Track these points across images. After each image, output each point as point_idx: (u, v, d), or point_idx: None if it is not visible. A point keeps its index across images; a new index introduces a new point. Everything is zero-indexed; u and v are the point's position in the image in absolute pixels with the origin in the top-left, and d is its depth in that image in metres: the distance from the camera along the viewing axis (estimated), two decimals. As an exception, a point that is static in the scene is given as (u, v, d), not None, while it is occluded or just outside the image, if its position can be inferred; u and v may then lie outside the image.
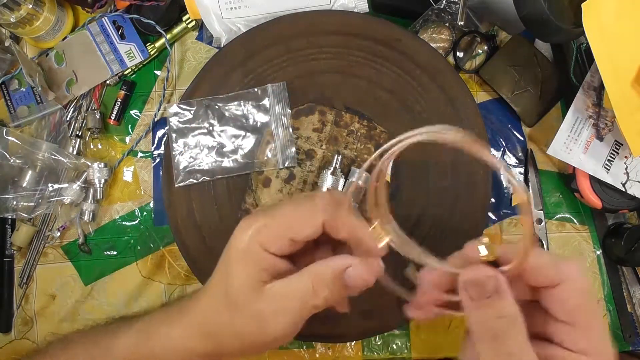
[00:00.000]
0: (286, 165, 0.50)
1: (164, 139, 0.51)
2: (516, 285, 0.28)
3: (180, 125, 0.50)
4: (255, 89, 0.50)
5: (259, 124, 0.51)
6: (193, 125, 0.50)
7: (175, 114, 0.50)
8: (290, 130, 0.50)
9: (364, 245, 0.31)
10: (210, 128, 0.50)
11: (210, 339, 0.32)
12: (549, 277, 0.28)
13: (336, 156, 0.49)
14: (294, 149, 0.50)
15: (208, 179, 0.50)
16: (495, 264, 0.29)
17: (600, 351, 0.27)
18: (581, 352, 0.27)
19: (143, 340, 0.34)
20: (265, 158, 0.50)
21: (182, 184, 0.50)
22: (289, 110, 0.50)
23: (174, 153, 0.50)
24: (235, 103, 0.50)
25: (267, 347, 0.32)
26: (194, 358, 0.33)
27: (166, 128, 0.51)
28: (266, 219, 0.31)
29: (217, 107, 0.50)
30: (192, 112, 0.50)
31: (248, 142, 0.51)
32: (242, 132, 0.51)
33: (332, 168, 0.49)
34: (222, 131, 0.51)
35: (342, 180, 0.48)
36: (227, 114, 0.51)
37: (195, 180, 0.50)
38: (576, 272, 0.28)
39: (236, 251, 0.31)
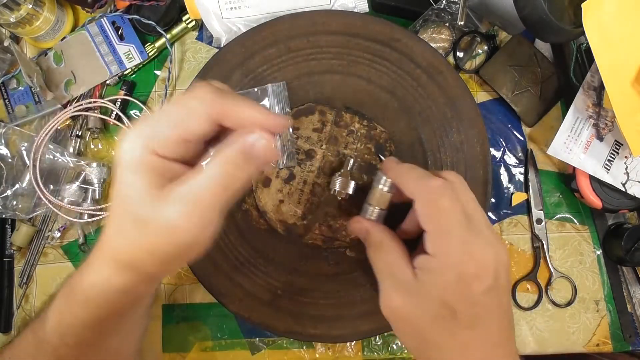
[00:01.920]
0: (286, 165, 0.50)
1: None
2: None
3: None
4: (255, 89, 0.50)
5: None
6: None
7: None
8: (290, 130, 0.50)
9: (265, 122, 0.29)
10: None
11: (126, 266, 0.30)
12: (405, 196, 0.36)
13: (350, 159, 0.47)
14: (293, 150, 0.50)
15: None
16: None
17: (446, 252, 0.33)
18: (432, 254, 0.34)
19: (67, 299, 0.32)
20: None
21: None
22: (289, 110, 0.50)
23: None
24: None
25: (188, 255, 0.30)
26: (120, 295, 0.31)
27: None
28: (150, 122, 0.29)
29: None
30: None
31: (248, 141, 0.50)
32: (242, 132, 0.51)
33: (343, 170, 0.47)
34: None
35: (352, 183, 0.46)
36: None
37: None
38: (428, 188, 0.35)
39: (127, 163, 0.28)
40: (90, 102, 0.55)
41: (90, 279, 0.31)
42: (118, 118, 0.56)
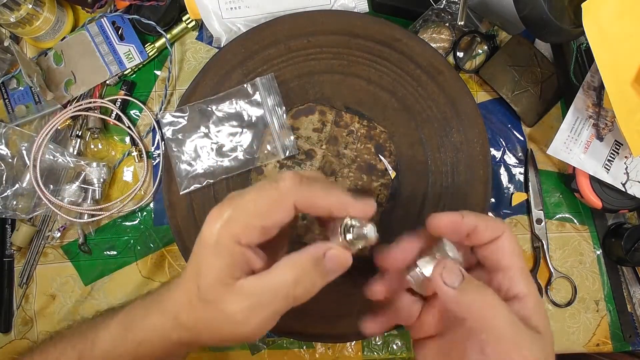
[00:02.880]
0: (287, 154, 0.50)
1: (163, 141, 0.51)
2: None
3: (177, 133, 0.50)
4: (245, 85, 0.50)
5: (254, 119, 0.51)
6: (189, 131, 0.50)
7: (170, 123, 0.50)
8: (285, 117, 0.50)
9: (351, 209, 0.30)
10: (207, 130, 0.50)
11: (186, 330, 0.32)
12: (488, 235, 0.32)
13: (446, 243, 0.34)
14: (292, 137, 0.50)
15: (212, 181, 0.50)
16: None
17: (534, 291, 0.31)
18: (527, 293, 0.31)
19: (123, 332, 0.34)
20: (265, 152, 0.50)
21: (187, 190, 0.49)
22: (281, 99, 0.50)
23: (174, 162, 0.50)
24: (228, 102, 0.50)
25: (244, 341, 0.33)
26: (172, 346, 0.33)
27: (165, 129, 0.50)
28: (233, 208, 0.29)
29: (209, 109, 0.50)
30: (186, 117, 0.50)
31: (246, 137, 0.51)
32: (239, 129, 0.51)
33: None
34: (218, 131, 0.51)
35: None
36: (221, 114, 0.51)
37: (199, 185, 0.50)
38: (504, 226, 0.32)
39: (206, 245, 0.30)
40: (90, 102, 0.55)
41: (150, 324, 0.33)
42: (118, 118, 0.56)
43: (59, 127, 0.54)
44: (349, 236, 0.30)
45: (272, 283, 0.30)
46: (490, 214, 0.55)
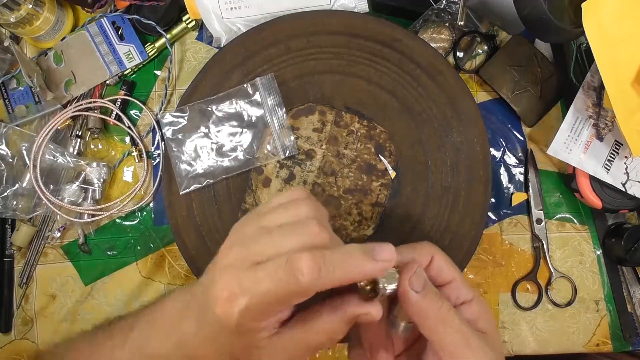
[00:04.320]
0: (287, 154, 0.50)
1: (163, 141, 0.51)
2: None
3: (177, 133, 0.50)
4: (245, 85, 0.50)
5: (254, 119, 0.51)
6: (189, 131, 0.50)
7: (170, 123, 0.50)
8: (285, 117, 0.50)
9: (372, 272, 0.30)
10: (207, 130, 0.50)
11: None
12: (424, 261, 0.34)
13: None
14: (292, 137, 0.50)
15: (212, 181, 0.50)
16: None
17: (477, 296, 0.34)
18: (466, 299, 0.33)
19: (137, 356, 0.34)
20: (265, 152, 0.50)
21: (187, 190, 0.50)
22: (281, 99, 0.50)
23: (174, 162, 0.50)
24: (228, 102, 0.50)
25: None
26: None
27: (165, 129, 0.50)
28: (248, 296, 0.28)
29: (209, 109, 0.50)
30: (186, 117, 0.50)
31: (246, 137, 0.51)
32: (239, 129, 0.51)
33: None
34: (218, 131, 0.51)
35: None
36: (220, 114, 0.51)
37: (199, 185, 0.50)
38: (432, 247, 0.34)
39: (225, 328, 0.29)
40: (90, 102, 0.55)
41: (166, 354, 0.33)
42: (118, 118, 0.56)
43: (59, 127, 0.54)
44: (380, 289, 0.31)
45: (308, 344, 0.30)
46: (490, 214, 0.55)
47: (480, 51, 0.57)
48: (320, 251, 0.28)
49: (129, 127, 0.56)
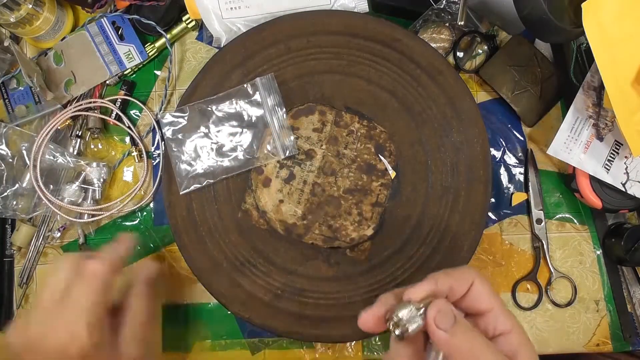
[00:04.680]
0: (287, 154, 0.50)
1: (156, 139, 0.51)
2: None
3: (177, 133, 0.50)
4: (245, 85, 0.50)
5: (254, 119, 0.51)
6: (189, 131, 0.50)
7: (170, 123, 0.50)
8: (285, 116, 0.50)
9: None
10: (207, 130, 0.50)
11: None
12: (462, 288, 0.32)
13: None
14: (292, 137, 0.50)
15: (212, 181, 0.50)
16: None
17: (517, 325, 0.32)
18: (511, 329, 0.32)
19: None
20: (265, 152, 0.50)
21: (187, 190, 0.50)
22: (281, 99, 0.50)
23: (174, 162, 0.50)
24: (228, 102, 0.50)
25: None
26: None
27: (165, 129, 0.50)
28: None
29: (209, 109, 0.50)
30: (186, 117, 0.50)
31: (246, 137, 0.51)
32: (239, 129, 0.51)
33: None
34: (218, 131, 0.51)
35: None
36: (221, 114, 0.51)
37: (199, 185, 0.50)
38: (473, 272, 0.33)
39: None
40: (90, 102, 0.55)
41: None
42: (118, 118, 0.56)
43: (59, 127, 0.54)
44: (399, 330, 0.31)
45: None
46: (490, 214, 0.55)
47: (480, 51, 0.57)
48: None
49: (129, 127, 0.56)
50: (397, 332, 0.30)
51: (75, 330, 0.39)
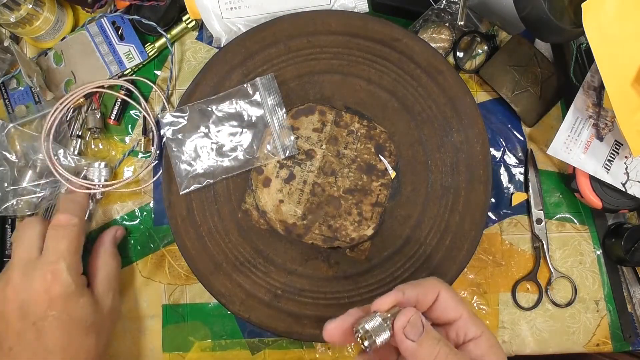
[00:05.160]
0: (287, 154, 0.50)
1: (164, 140, 0.51)
2: None
3: (177, 133, 0.50)
4: (245, 85, 0.50)
5: (254, 119, 0.51)
6: (189, 131, 0.50)
7: (170, 123, 0.50)
8: (285, 116, 0.50)
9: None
10: (207, 130, 0.50)
11: None
12: (429, 299, 0.33)
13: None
14: (292, 137, 0.50)
15: (211, 181, 0.50)
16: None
17: (486, 331, 0.33)
18: (481, 335, 0.33)
19: None
20: (265, 152, 0.50)
21: (187, 190, 0.50)
22: (281, 99, 0.50)
23: (174, 162, 0.50)
24: (228, 102, 0.50)
25: None
26: None
27: (165, 129, 0.50)
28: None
29: (209, 109, 0.50)
30: (186, 117, 0.50)
31: (246, 137, 0.51)
32: (239, 129, 0.51)
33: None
34: (218, 131, 0.51)
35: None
36: (221, 114, 0.51)
37: (199, 185, 0.50)
38: (438, 283, 0.34)
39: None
40: (103, 82, 0.55)
41: None
42: (120, 112, 0.56)
43: (59, 127, 0.54)
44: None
45: None
46: (490, 214, 0.55)
47: (480, 51, 0.57)
48: None
49: (128, 127, 0.56)
50: (365, 343, 0.30)
51: (56, 269, 0.44)
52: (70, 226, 0.47)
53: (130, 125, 0.57)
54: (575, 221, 0.56)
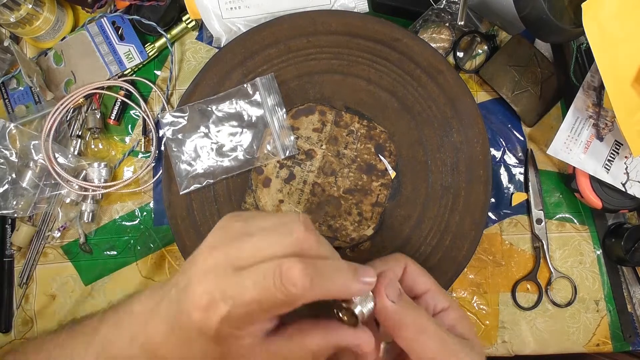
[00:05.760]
0: (287, 154, 0.50)
1: (164, 140, 0.51)
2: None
3: (177, 133, 0.50)
4: (245, 85, 0.50)
5: (254, 119, 0.51)
6: (189, 131, 0.50)
7: (170, 123, 0.50)
8: (285, 116, 0.50)
9: (356, 292, 0.30)
10: (207, 130, 0.50)
11: None
12: (397, 273, 0.34)
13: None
14: (292, 137, 0.50)
15: (212, 181, 0.50)
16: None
17: (454, 303, 0.34)
18: (444, 307, 0.34)
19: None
20: (265, 152, 0.50)
21: (187, 190, 0.50)
22: (281, 99, 0.50)
23: (174, 162, 0.50)
24: (228, 102, 0.50)
25: None
26: None
27: (165, 129, 0.50)
28: (230, 304, 0.26)
29: (209, 109, 0.50)
30: (186, 117, 0.50)
31: (246, 137, 0.51)
32: (239, 129, 0.51)
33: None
34: (218, 131, 0.51)
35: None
36: (221, 114, 0.51)
37: (199, 185, 0.50)
38: (403, 257, 0.35)
39: (203, 334, 0.28)
40: (102, 83, 0.55)
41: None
42: (120, 112, 0.56)
43: (59, 127, 0.54)
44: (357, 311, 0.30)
45: (290, 358, 0.29)
46: (490, 214, 0.55)
47: (480, 51, 0.57)
48: (312, 262, 0.27)
49: (128, 127, 0.56)
50: (356, 313, 0.30)
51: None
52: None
53: (130, 125, 0.57)
54: (575, 221, 0.56)
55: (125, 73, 0.56)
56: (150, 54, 0.56)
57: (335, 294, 0.28)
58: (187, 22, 0.56)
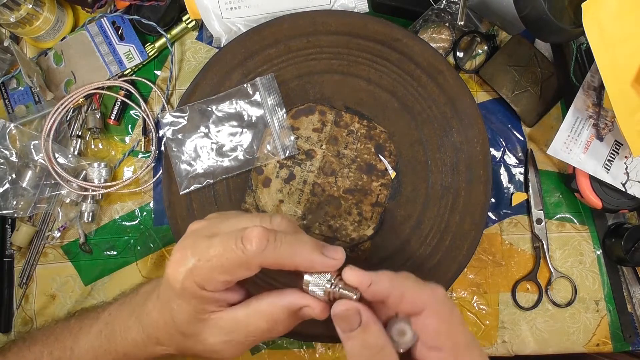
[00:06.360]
0: (287, 154, 0.50)
1: (164, 140, 0.51)
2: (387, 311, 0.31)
3: (177, 133, 0.50)
4: (245, 85, 0.50)
5: (254, 119, 0.51)
6: (189, 131, 0.50)
7: (170, 123, 0.50)
8: (285, 116, 0.50)
9: (318, 266, 0.31)
10: (207, 130, 0.50)
11: (167, 346, 0.35)
12: (410, 305, 0.30)
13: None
14: (292, 137, 0.50)
15: (212, 181, 0.50)
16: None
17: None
18: None
19: (105, 343, 0.37)
20: (265, 152, 0.50)
21: (187, 190, 0.50)
22: (281, 99, 0.50)
23: (174, 162, 0.50)
24: (228, 102, 0.50)
25: None
26: (157, 356, 0.36)
27: (165, 129, 0.50)
28: (198, 258, 0.30)
29: (209, 109, 0.50)
30: (186, 117, 0.50)
31: (246, 137, 0.51)
32: (239, 129, 0.51)
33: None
34: (218, 131, 0.51)
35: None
36: (221, 114, 0.51)
37: (199, 185, 0.50)
38: (433, 299, 0.30)
39: (173, 288, 0.31)
40: (102, 83, 0.55)
41: (132, 340, 0.36)
42: (120, 112, 0.56)
43: (59, 127, 0.54)
44: (331, 290, 0.31)
45: (247, 327, 0.32)
46: (490, 214, 0.55)
47: (480, 51, 0.57)
48: (275, 231, 0.30)
49: (128, 127, 0.56)
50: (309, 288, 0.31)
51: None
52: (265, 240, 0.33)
53: (130, 125, 0.57)
54: (575, 221, 0.56)
55: (125, 73, 0.56)
56: (150, 54, 0.56)
57: (295, 262, 0.30)
58: (187, 22, 0.56)
